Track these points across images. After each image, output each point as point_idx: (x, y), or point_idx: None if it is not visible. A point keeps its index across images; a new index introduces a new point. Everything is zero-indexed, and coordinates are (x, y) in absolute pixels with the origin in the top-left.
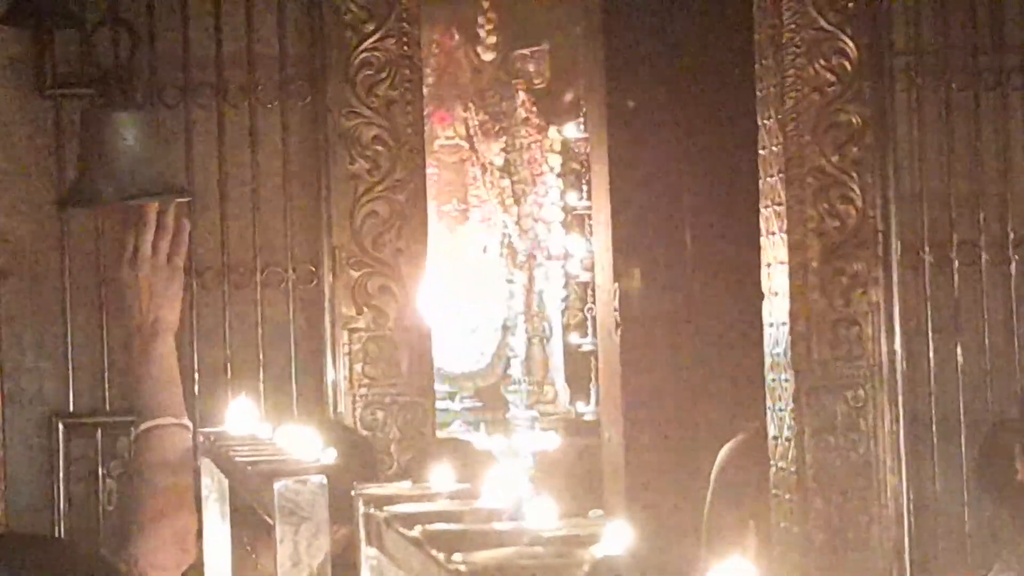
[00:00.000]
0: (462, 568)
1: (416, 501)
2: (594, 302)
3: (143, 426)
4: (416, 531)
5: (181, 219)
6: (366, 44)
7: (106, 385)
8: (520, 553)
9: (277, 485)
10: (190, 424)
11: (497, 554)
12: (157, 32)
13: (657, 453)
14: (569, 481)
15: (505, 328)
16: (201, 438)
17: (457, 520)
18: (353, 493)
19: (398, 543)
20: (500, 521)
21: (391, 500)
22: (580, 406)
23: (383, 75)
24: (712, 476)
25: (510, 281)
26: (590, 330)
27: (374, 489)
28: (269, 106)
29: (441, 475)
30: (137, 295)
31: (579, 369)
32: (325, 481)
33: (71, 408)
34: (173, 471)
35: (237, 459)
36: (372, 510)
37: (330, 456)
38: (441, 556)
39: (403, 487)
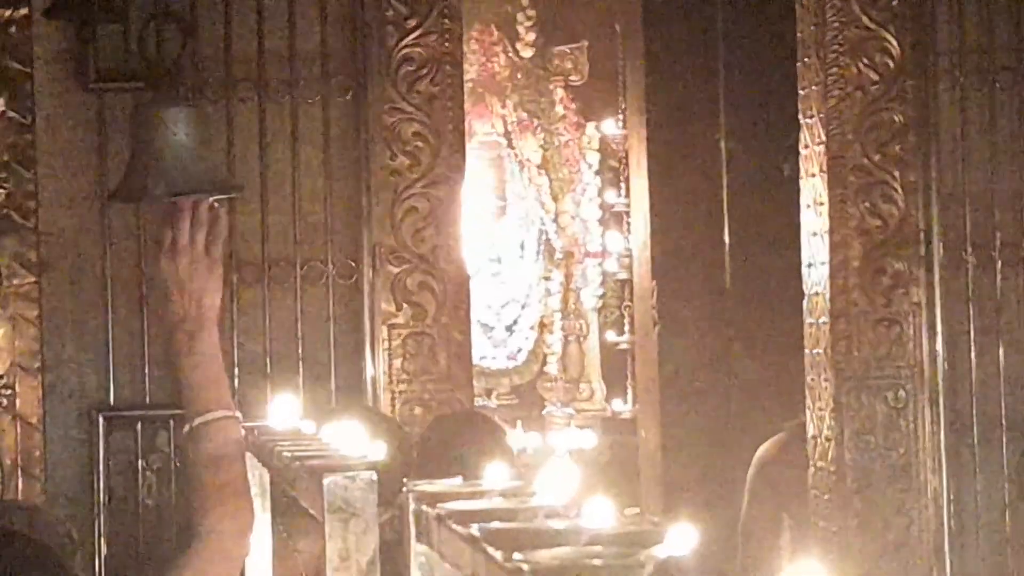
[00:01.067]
0: (524, 567)
1: (468, 498)
2: (631, 300)
3: (196, 421)
4: (473, 529)
5: (217, 210)
6: (407, 40)
7: (146, 379)
8: (580, 553)
9: (326, 481)
10: (239, 414)
11: (557, 553)
12: (200, 27)
13: (694, 451)
14: (605, 479)
15: (542, 325)
16: (243, 432)
17: (512, 518)
18: (404, 490)
19: (451, 541)
20: (557, 519)
21: (443, 497)
22: (616, 404)
23: (424, 71)
24: (749, 475)
25: (547, 278)
26: (627, 328)
27: (424, 485)
28: (310, 102)
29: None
30: (178, 287)
31: (616, 367)
32: (375, 477)
33: (111, 402)
34: (229, 463)
35: (284, 454)
36: (423, 507)
37: (380, 450)
38: (500, 555)
39: (454, 483)
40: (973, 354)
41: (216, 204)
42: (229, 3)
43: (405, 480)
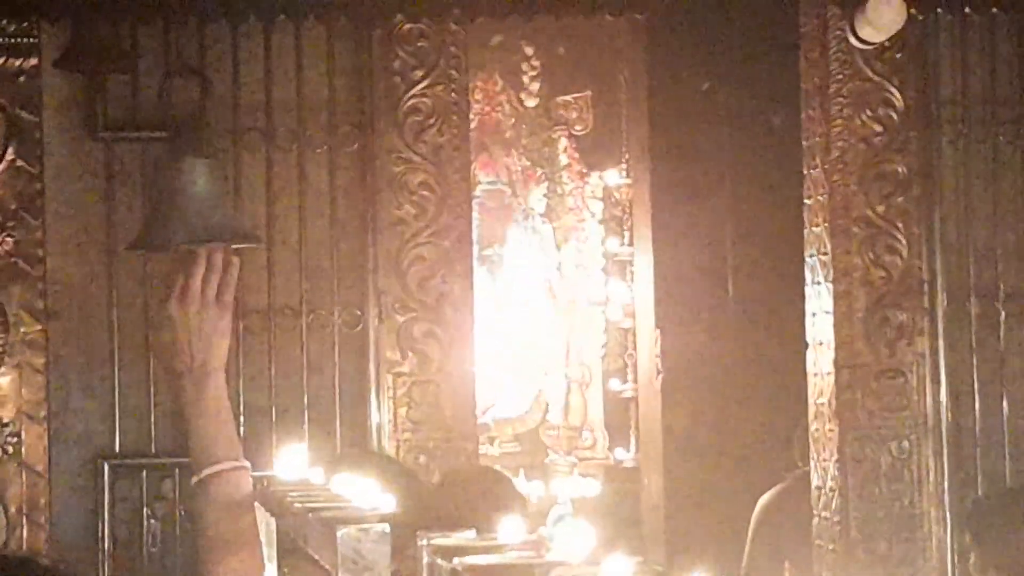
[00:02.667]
0: None
1: (484, 552)
2: (634, 348)
3: (204, 472)
4: None
5: (230, 257)
6: (414, 91)
7: (152, 427)
8: None
9: (340, 533)
10: (248, 464)
11: None
12: (208, 77)
13: (697, 501)
14: (608, 527)
15: (545, 373)
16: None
17: (529, 573)
18: (419, 543)
19: None
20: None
21: (459, 551)
22: (619, 452)
23: (431, 121)
24: (752, 523)
25: (551, 326)
26: (630, 376)
27: (439, 538)
28: (317, 151)
29: (509, 523)
30: (187, 333)
31: (619, 415)
32: (387, 530)
33: (117, 449)
34: (238, 513)
35: (296, 505)
36: (439, 560)
37: (392, 500)
38: None
39: (469, 537)
40: (977, 404)
41: (231, 252)
42: (237, 54)
43: (418, 530)
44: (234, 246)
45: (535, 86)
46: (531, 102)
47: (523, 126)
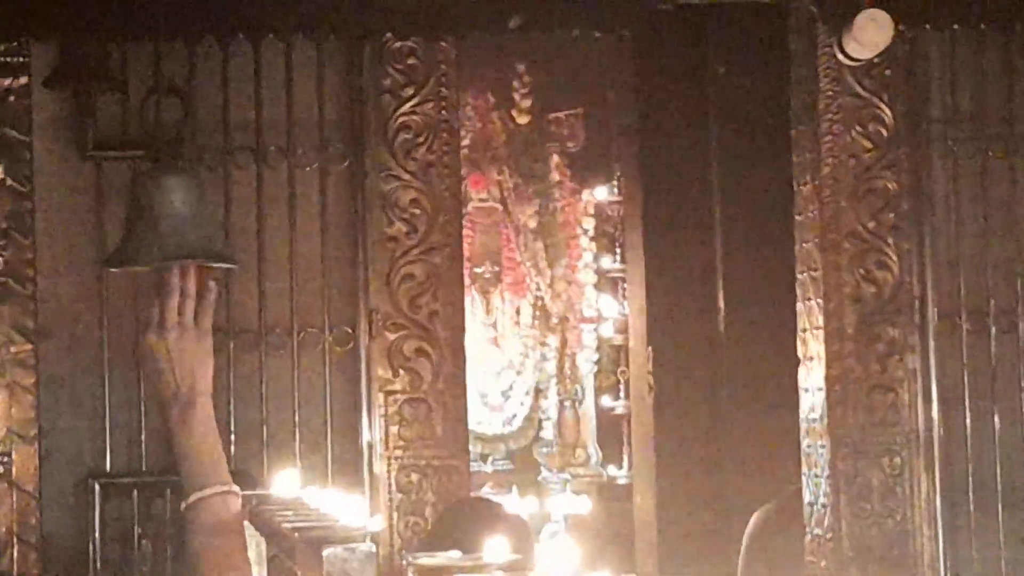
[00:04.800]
0: None
1: (469, 572)
2: (627, 365)
3: (192, 498)
4: None
5: (207, 281)
6: (404, 108)
7: (143, 446)
8: None
9: (326, 552)
10: (238, 489)
11: None
12: (198, 95)
13: (690, 517)
14: (601, 545)
15: (538, 391)
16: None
17: None
18: (404, 563)
19: None
20: None
21: (443, 571)
22: (612, 469)
23: (421, 139)
24: (745, 541)
25: (543, 344)
26: (623, 393)
27: (425, 559)
28: (307, 169)
29: (494, 544)
30: (169, 362)
31: (611, 432)
32: (374, 549)
33: (108, 468)
34: (227, 537)
35: (284, 524)
36: None
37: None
38: None
39: (454, 557)
40: (968, 420)
41: (207, 276)
42: (227, 72)
43: (405, 554)
44: (210, 265)
45: (527, 103)
46: (523, 119)
47: (515, 143)
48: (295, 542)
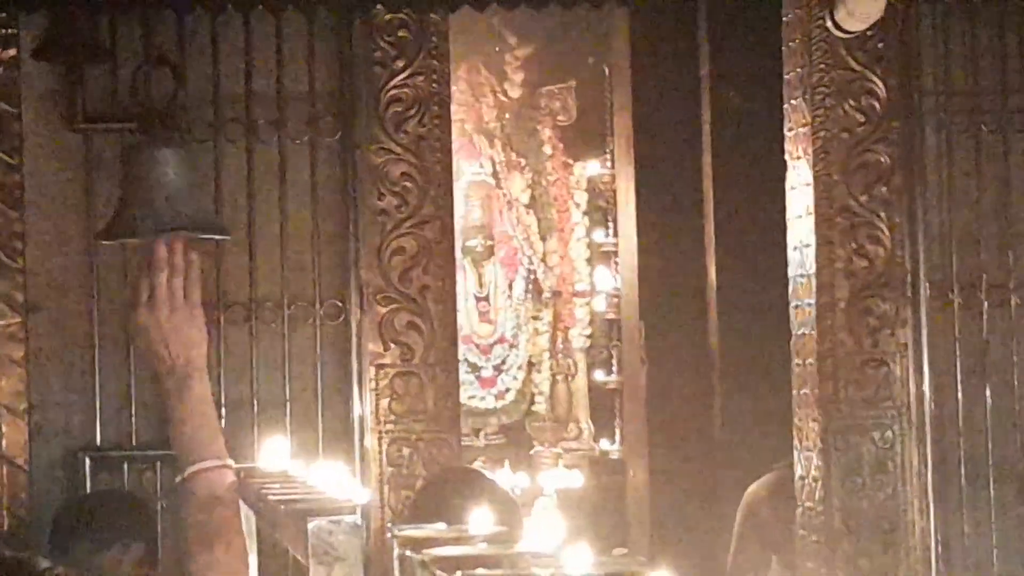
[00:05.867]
0: None
1: (454, 544)
2: (619, 339)
3: (188, 471)
4: (458, 575)
5: (189, 255)
6: (395, 81)
7: (133, 420)
8: None
9: (311, 525)
10: (233, 463)
11: None
12: (188, 68)
13: (682, 491)
14: (593, 519)
15: (530, 364)
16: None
17: (497, 565)
18: (388, 535)
19: None
20: (540, 565)
21: (428, 543)
22: (604, 443)
23: (412, 112)
24: (739, 514)
25: (536, 318)
26: (615, 367)
27: (410, 531)
28: (298, 142)
29: (478, 516)
30: (162, 338)
31: (604, 406)
32: (359, 522)
33: (98, 442)
34: (222, 511)
35: (270, 497)
36: (408, 552)
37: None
38: None
39: (439, 528)
40: (960, 394)
41: (191, 249)
42: (217, 44)
43: (391, 525)
44: (201, 237)
45: (519, 76)
46: (515, 92)
47: (507, 116)
48: (281, 514)
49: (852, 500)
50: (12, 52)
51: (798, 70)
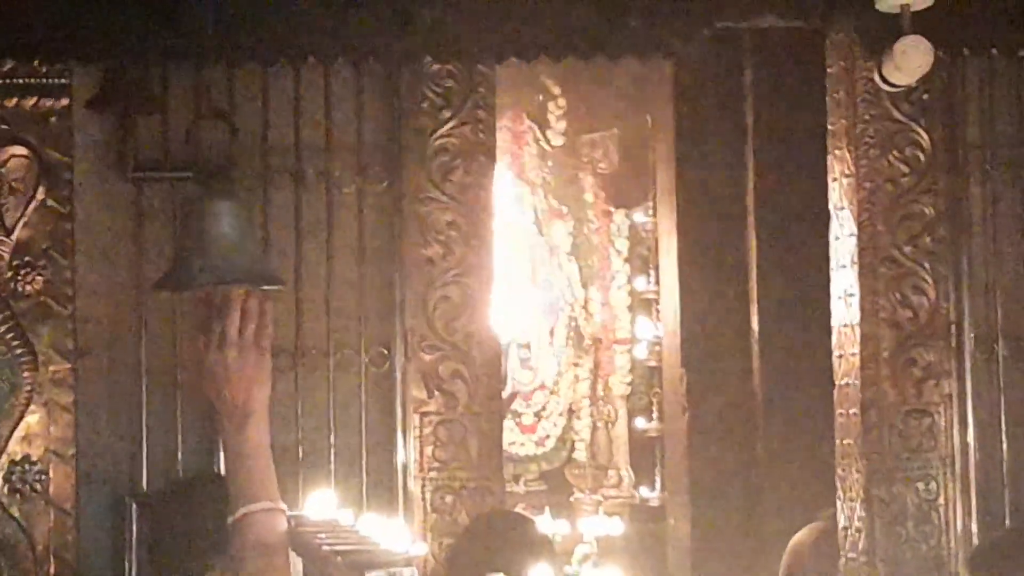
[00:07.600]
0: None
1: None
2: (660, 387)
3: (240, 511)
4: None
5: (264, 303)
6: (442, 131)
7: (179, 466)
8: None
9: None
10: (286, 507)
11: None
12: (238, 118)
13: (724, 540)
14: (633, 567)
15: (571, 412)
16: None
17: None
18: None
19: None
20: None
21: None
22: (644, 491)
23: (458, 161)
24: (783, 564)
25: (576, 365)
26: (656, 415)
27: None
28: (346, 191)
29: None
30: (227, 379)
31: (644, 454)
32: (416, 574)
33: (144, 488)
34: (272, 554)
35: (323, 547)
36: None
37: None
38: None
39: None
40: (1004, 446)
41: (265, 299)
42: (267, 94)
43: None
44: (259, 288)
45: (561, 125)
46: (557, 140)
47: (549, 164)
48: (336, 565)
49: (895, 551)
50: (65, 102)
51: (843, 121)
